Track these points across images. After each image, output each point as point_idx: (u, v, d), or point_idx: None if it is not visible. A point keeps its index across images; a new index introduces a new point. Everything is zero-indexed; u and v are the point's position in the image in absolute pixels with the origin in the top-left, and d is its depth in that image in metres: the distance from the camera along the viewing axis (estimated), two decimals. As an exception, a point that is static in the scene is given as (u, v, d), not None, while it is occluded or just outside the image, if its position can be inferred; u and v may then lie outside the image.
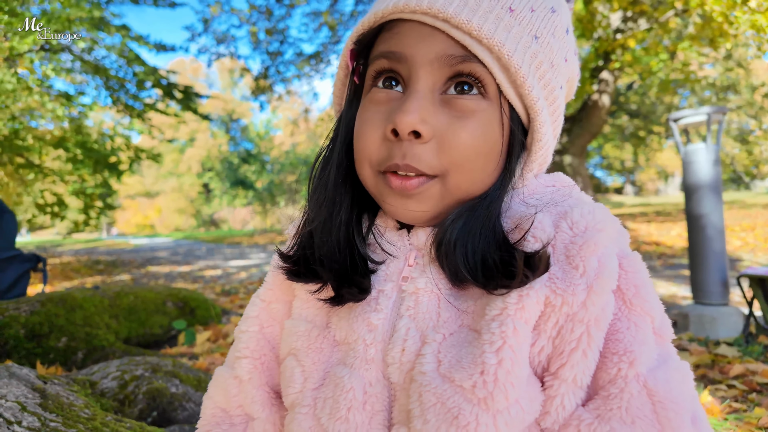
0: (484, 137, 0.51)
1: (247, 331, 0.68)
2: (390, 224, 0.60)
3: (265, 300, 0.69)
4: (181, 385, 1.55)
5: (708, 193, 3.12)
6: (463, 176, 0.52)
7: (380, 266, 0.58)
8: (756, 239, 7.94)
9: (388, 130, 0.51)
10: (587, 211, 0.51)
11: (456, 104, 0.51)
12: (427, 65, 0.50)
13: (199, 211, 40.22)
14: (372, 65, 0.54)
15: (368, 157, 0.54)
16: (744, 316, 2.99)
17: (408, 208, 0.53)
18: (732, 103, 20.82)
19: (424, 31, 0.50)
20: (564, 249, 0.50)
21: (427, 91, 0.50)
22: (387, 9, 0.52)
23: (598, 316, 0.47)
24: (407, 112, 0.48)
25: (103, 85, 8.93)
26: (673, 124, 3.25)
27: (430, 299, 0.54)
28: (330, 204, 0.58)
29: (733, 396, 2.05)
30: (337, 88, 0.63)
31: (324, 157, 0.62)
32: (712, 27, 7.14)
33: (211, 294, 5.30)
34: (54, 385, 1.19)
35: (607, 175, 36.74)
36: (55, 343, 2.13)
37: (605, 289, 0.48)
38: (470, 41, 0.49)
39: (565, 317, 0.48)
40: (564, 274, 0.48)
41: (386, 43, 0.53)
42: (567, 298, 0.47)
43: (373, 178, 0.55)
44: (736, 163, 27.11)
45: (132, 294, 2.73)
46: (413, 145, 0.50)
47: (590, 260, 0.48)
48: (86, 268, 9.21)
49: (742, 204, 14.56)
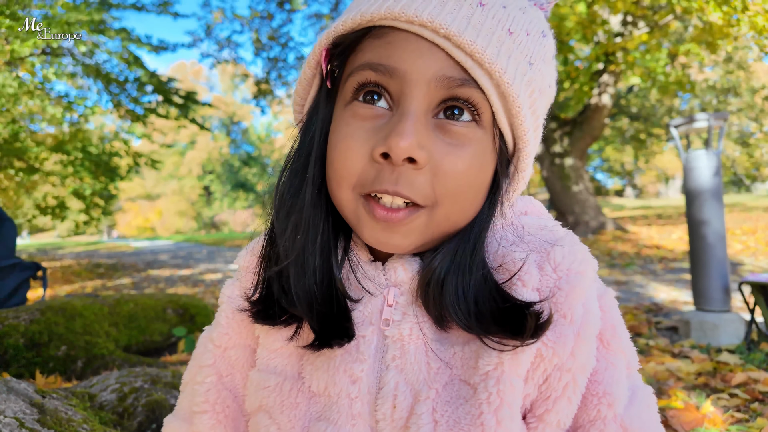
0: (478, 167, 0.49)
1: (203, 382, 0.60)
2: (363, 255, 0.55)
3: (219, 346, 0.61)
4: (181, 396, 1.54)
5: (709, 199, 3.11)
6: (454, 208, 0.49)
7: (357, 305, 0.53)
8: (757, 243, 7.92)
9: (377, 152, 0.46)
10: (567, 252, 0.50)
11: (450, 130, 0.47)
12: (423, 85, 0.45)
13: (200, 214, 40.25)
14: (354, 74, 0.48)
15: (348, 178, 0.48)
16: (746, 323, 2.98)
17: (390, 240, 0.49)
18: (732, 106, 20.82)
19: (422, 45, 0.45)
20: (550, 295, 0.49)
21: (421, 113, 0.46)
22: (377, 13, 0.46)
23: (584, 364, 0.48)
24: (403, 135, 0.44)
25: (104, 89, 8.94)
26: (674, 129, 3.25)
27: (417, 348, 0.50)
28: (306, 229, 0.51)
29: (735, 406, 2.04)
30: (301, 89, 0.56)
31: (291, 169, 0.55)
32: (712, 30, 7.15)
33: (212, 299, 5.30)
34: (52, 399, 1.18)
35: (608, 177, 36.76)
36: (55, 352, 2.13)
37: (591, 335, 0.48)
38: (471, 64, 0.45)
39: (553, 367, 0.48)
40: (553, 325, 0.47)
41: (374, 53, 0.47)
42: (557, 349, 0.47)
43: (352, 202, 0.49)
44: (736, 166, 27.10)
45: (132, 301, 2.73)
46: (407, 171, 0.46)
47: (577, 307, 0.48)
48: (87, 272, 9.20)
49: (742, 207, 14.55)
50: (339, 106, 0.51)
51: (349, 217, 0.51)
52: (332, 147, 0.50)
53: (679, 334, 3.24)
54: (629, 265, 6.95)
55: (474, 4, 0.46)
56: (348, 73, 0.49)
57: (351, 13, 0.49)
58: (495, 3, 0.48)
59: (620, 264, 7.11)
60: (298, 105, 0.58)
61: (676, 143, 3.27)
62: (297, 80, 0.56)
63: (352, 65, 0.49)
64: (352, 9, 0.50)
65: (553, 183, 10.60)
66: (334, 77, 0.52)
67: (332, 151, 0.49)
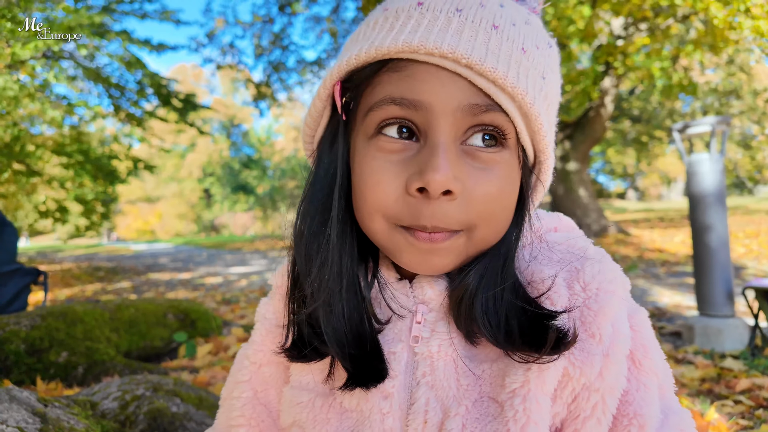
0: (508, 188, 0.50)
1: (240, 397, 0.63)
2: (391, 275, 0.56)
3: (255, 362, 0.64)
4: (182, 404, 1.53)
5: (712, 203, 3.10)
6: (490, 229, 0.50)
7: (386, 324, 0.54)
8: (760, 246, 7.90)
9: (413, 187, 0.46)
10: (597, 270, 0.51)
11: (479, 156, 0.48)
12: (449, 115, 0.46)
13: (200, 217, 40.28)
14: (376, 109, 0.48)
15: (382, 211, 0.49)
16: (750, 328, 2.97)
17: (431, 263, 0.49)
18: (734, 108, 20.82)
19: (444, 76, 0.46)
20: (579, 314, 0.49)
21: (451, 143, 0.46)
22: (394, 46, 0.46)
23: (613, 385, 0.48)
24: (438, 170, 0.44)
25: (105, 92, 8.97)
26: (677, 134, 3.24)
27: (446, 364, 0.51)
28: (332, 268, 0.51)
29: (739, 412, 2.03)
30: (311, 121, 0.55)
31: (311, 205, 0.54)
32: (714, 33, 7.15)
33: (212, 303, 5.29)
34: (54, 408, 1.17)
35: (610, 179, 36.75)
36: (56, 357, 2.12)
37: (620, 356, 0.48)
38: (495, 90, 0.46)
39: (581, 386, 0.47)
40: (581, 344, 0.47)
41: (395, 86, 0.47)
42: (585, 369, 0.47)
43: (386, 231, 0.50)
44: (739, 169, 27.09)
45: (133, 306, 2.72)
46: (442, 203, 0.46)
47: (605, 327, 0.48)
48: (87, 275, 9.20)
49: (745, 210, 14.52)
50: (360, 139, 0.51)
51: (384, 245, 0.51)
52: (362, 181, 0.49)
53: (682, 339, 3.22)
54: (632, 269, 6.94)
55: (488, 28, 0.47)
56: (368, 106, 0.49)
57: (363, 46, 0.48)
58: (506, 23, 0.48)
59: (623, 267, 7.06)
60: (308, 136, 0.58)
61: (679, 147, 3.27)
62: (307, 112, 0.55)
63: (371, 99, 0.49)
64: (363, 41, 0.50)
65: (554, 186, 10.59)
66: (348, 109, 0.52)
67: (362, 185, 0.49)
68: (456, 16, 0.47)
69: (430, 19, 0.47)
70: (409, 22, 0.47)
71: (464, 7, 0.47)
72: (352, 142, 0.52)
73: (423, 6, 0.48)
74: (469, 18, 0.47)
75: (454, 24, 0.46)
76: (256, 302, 5.16)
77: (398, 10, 0.49)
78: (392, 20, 0.49)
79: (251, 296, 5.77)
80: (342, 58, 0.50)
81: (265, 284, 7.07)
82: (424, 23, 0.47)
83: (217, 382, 2.20)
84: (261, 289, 6.42)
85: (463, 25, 0.46)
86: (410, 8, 0.49)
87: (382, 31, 0.49)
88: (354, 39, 0.53)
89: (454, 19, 0.47)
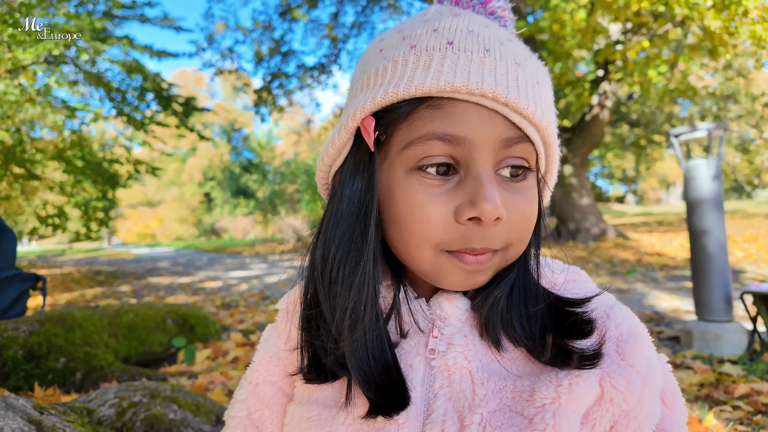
0: (535, 206, 0.55)
1: (234, 416, 0.65)
2: (410, 293, 0.59)
3: (251, 382, 0.66)
4: (180, 410, 1.53)
5: (710, 208, 3.10)
6: (522, 246, 0.54)
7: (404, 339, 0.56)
8: (759, 250, 7.90)
9: (464, 217, 0.49)
10: (627, 314, 0.54)
11: (510, 183, 0.53)
12: (489, 148, 0.50)
13: (201, 221, 40.27)
14: (417, 144, 0.50)
15: (431, 240, 0.51)
16: (748, 333, 2.97)
17: (475, 280, 0.53)
18: (732, 113, 20.86)
19: (484, 113, 0.50)
20: (615, 345, 0.51)
21: (491, 174, 0.50)
22: (435, 86, 0.49)
23: (649, 415, 0.50)
24: (489, 200, 0.48)
25: (106, 97, 9.01)
26: (674, 139, 3.25)
27: (462, 376, 0.52)
28: (362, 296, 0.53)
29: (737, 418, 2.03)
30: (334, 152, 0.57)
31: (335, 232, 0.55)
32: (712, 38, 7.18)
33: (212, 307, 5.29)
34: (50, 415, 1.18)
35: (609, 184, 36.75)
36: (54, 363, 2.12)
37: (656, 387, 0.51)
38: (526, 124, 0.51)
39: (621, 413, 0.49)
40: (621, 370, 0.49)
41: (438, 123, 0.50)
42: (627, 396, 0.48)
43: (432, 258, 0.52)
44: (737, 173, 27.11)
45: (132, 312, 2.72)
46: (491, 229, 0.50)
47: (642, 359, 0.50)
48: (87, 279, 9.20)
49: (744, 214, 14.54)
50: (398, 172, 0.52)
51: (428, 270, 0.53)
52: (408, 214, 0.51)
53: (681, 344, 3.22)
54: (631, 273, 6.93)
55: (513, 66, 0.51)
56: (406, 141, 0.51)
57: (400, 83, 0.50)
58: (522, 59, 0.53)
59: (621, 272, 7.10)
60: (325, 165, 0.59)
61: (677, 152, 3.28)
62: (329, 143, 0.57)
63: (409, 134, 0.51)
64: (396, 78, 0.51)
65: (554, 190, 10.60)
66: (378, 143, 0.54)
67: (409, 218, 0.51)
68: (487, 56, 0.50)
69: (464, 60, 0.50)
70: (445, 62, 0.50)
71: (490, 46, 0.51)
72: (383, 174, 0.54)
73: (454, 46, 0.51)
74: (497, 57, 0.51)
75: (487, 64, 0.50)
76: (256, 307, 5.16)
77: (429, 49, 0.51)
78: (425, 59, 0.51)
79: (251, 300, 5.77)
80: (375, 93, 0.51)
81: (265, 288, 7.07)
82: (461, 63, 0.50)
83: (215, 388, 2.20)
84: (261, 294, 6.42)
85: (494, 65, 0.50)
86: (442, 47, 0.51)
87: (417, 69, 0.51)
88: (380, 73, 0.54)
89: (486, 59, 0.50)
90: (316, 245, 0.57)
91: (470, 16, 0.55)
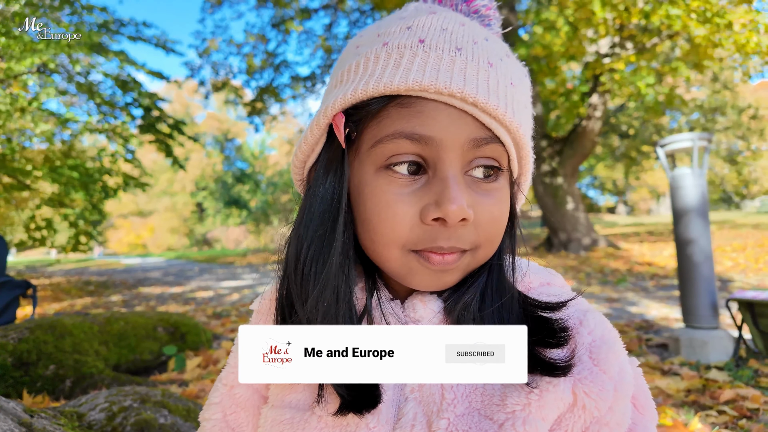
0: (505, 208, 0.54)
1: (209, 419, 0.65)
2: (384, 295, 0.58)
3: (226, 384, 0.66)
4: (170, 415, 1.53)
5: (695, 217, 3.16)
6: (492, 246, 0.54)
7: None
8: (747, 260, 8.00)
9: (430, 217, 0.49)
10: (600, 320, 0.54)
11: (481, 185, 0.52)
12: (457, 148, 0.49)
13: (192, 231, 40.02)
14: (385, 142, 0.50)
15: (398, 240, 0.50)
16: (734, 340, 3.01)
17: (443, 280, 0.53)
18: (720, 125, 21.20)
19: (452, 113, 0.49)
20: (588, 352, 0.51)
21: (459, 175, 0.50)
22: (404, 85, 0.48)
23: (620, 421, 0.50)
24: (454, 201, 0.47)
25: (96, 109, 9.04)
26: (660, 149, 3.31)
27: None
28: (334, 297, 0.53)
29: (723, 422, 2.05)
30: (307, 148, 0.57)
31: (307, 229, 0.54)
32: (698, 51, 7.33)
33: (203, 317, 5.26)
34: (41, 419, 1.18)
35: (600, 194, 37.07)
36: (43, 371, 2.11)
37: (627, 394, 0.51)
38: (495, 125, 0.50)
39: (592, 419, 0.49)
40: (593, 377, 0.49)
41: (406, 122, 0.49)
42: (599, 403, 0.48)
43: (400, 258, 0.52)
44: (726, 184, 27.46)
45: (122, 320, 2.71)
46: (457, 229, 0.50)
47: (614, 365, 0.50)
48: (76, 289, 9.11)
49: (732, 224, 14.72)
50: (367, 170, 0.52)
51: (396, 270, 0.53)
52: (375, 214, 0.51)
53: (669, 351, 3.26)
54: (621, 282, 6.99)
55: (485, 66, 0.50)
56: (375, 138, 0.51)
57: (370, 81, 0.50)
58: (496, 59, 0.52)
59: (612, 281, 7.15)
60: (299, 162, 0.59)
61: (663, 162, 3.34)
62: (301, 139, 0.57)
63: (378, 131, 0.51)
64: (367, 75, 0.51)
65: (545, 201, 10.70)
66: (349, 140, 0.54)
67: (376, 218, 0.51)
68: (458, 55, 0.50)
69: (434, 58, 0.49)
70: (414, 60, 0.49)
71: (462, 45, 0.51)
72: (354, 171, 0.54)
73: (425, 44, 0.50)
74: (468, 57, 0.50)
75: (457, 63, 0.49)
76: (248, 316, 5.14)
77: (401, 47, 0.51)
78: (396, 56, 0.50)
79: (242, 310, 5.74)
80: (346, 90, 0.51)
81: (257, 298, 7.03)
82: (430, 62, 0.49)
83: (206, 395, 2.20)
84: (252, 303, 6.38)
85: (465, 64, 0.49)
86: (413, 45, 0.51)
87: (387, 67, 0.50)
88: (353, 70, 0.53)
89: (456, 58, 0.49)
90: (290, 242, 0.56)
91: (447, 14, 0.55)
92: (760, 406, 2.17)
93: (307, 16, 12.26)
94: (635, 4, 7.11)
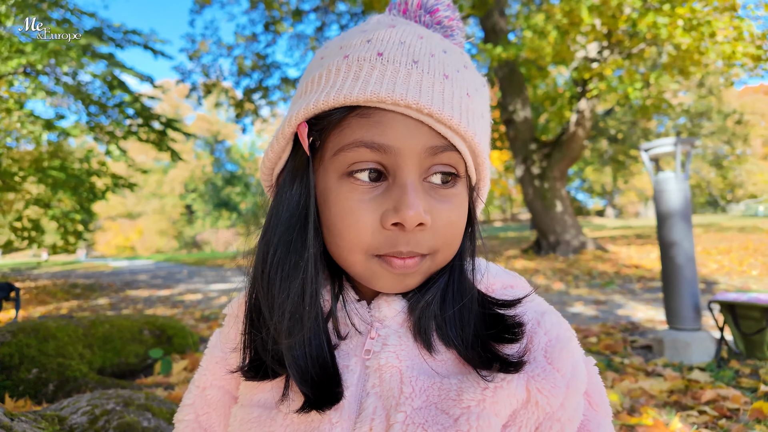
0: (463, 213, 0.57)
1: (182, 420, 0.67)
2: (350, 296, 0.60)
3: (199, 386, 0.67)
4: (154, 418, 1.53)
5: (678, 221, 3.21)
6: (450, 250, 0.56)
7: (343, 341, 0.58)
8: (731, 262, 8.11)
9: (389, 222, 0.51)
10: (557, 321, 0.57)
11: (439, 191, 0.54)
12: (415, 156, 0.51)
13: (181, 233, 39.71)
14: (347, 150, 0.52)
15: (360, 245, 0.53)
16: (716, 341, 3.06)
17: (405, 283, 0.55)
18: (705, 130, 21.51)
19: (409, 123, 0.51)
20: (543, 351, 0.53)
21: (417, 182, 0.52)
22: (363, 96, 0.50)
23: (572, 417, 0.52)
24: (411, 206, 0.49)
25: (84, 111, 8.98)
26: (644, 153, 3.36)
27: (392, 375, 0.54)
28: (302, 297, 0.54)
29: (703, 422, 2.09)
30: (274, 156, 0.59)
31: (274, 234, 0.56)
32: (683, 57, 7.46)
33: (191, 320, 5.22)
34: (21, 422, 1.17)
35: (589, 197, 37.40)
36: (26, 374, 2.09)
37: (579, 390, 0.53)
38: (451, 134, 0.52)
39: (545, 415, 0.51)
40: (546, 374, 0.51)
41: (366, 131, 0.51)
42: (551, 399, 0.51)
43: (363, 262, 0.54)
44: (711, 187, 27.86)
45: (108, 322, 2.69)
46: (415, 233, 0.52)
47: (568, 363, 0.53)
48: (62, 292, 9.00)
49: (718, 227, 14.92)
50: (331, 178, 0.54)
51: (360, 274, 0.55)
52: (338, 219, 0.53)
53: (653, 352, 3.30)
54: (609, 284, 7.06)
55: (440, 78, 0.53)
56: (337, 147, 0.53)
57: (330, 92, 0.52)
58: (452, 71, 0.55)
59: (600, 283, 7.22)
60: (267, 169, 0.61)
61: (647, 166, 3.39)
62: (268, 147, 0.59)
63: (340, 140, 0.53)
64: (329, 86, 0.53)
65: (534, 204, 10.77)
66: (313, 148, 0.56)
67: (339, 224, 0.53)
68: (414, 68, 0.52)
69: (392, 71, 0.52)
70: (373, 73, 0.52)
71: (419, 58, 0.53)
72: (319, 178, 0.56)
73: (383, 57, 0.53)
74: (425, 69, 0.52)
75: (413, 76, 0.51)
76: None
77: (360, 59, 0.53)
78: (356, 69, 0.53)
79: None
80: (309, 100, 0.53)
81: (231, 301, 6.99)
82: (387, 74, 0.51)
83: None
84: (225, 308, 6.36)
85: (421, 77, 0.52)
86: (371, 58, 0.53)
87: (347, 79, 0.53)
88: (316, 81, 0.56)
89: (413, 71, 0.52)
90: (258, 247, 0.58)
91: (406, 27, 0.57)
92: (740, 407, 2.22)
93: (298, 18, 12.26)
94: (622, 11, 7.22)
